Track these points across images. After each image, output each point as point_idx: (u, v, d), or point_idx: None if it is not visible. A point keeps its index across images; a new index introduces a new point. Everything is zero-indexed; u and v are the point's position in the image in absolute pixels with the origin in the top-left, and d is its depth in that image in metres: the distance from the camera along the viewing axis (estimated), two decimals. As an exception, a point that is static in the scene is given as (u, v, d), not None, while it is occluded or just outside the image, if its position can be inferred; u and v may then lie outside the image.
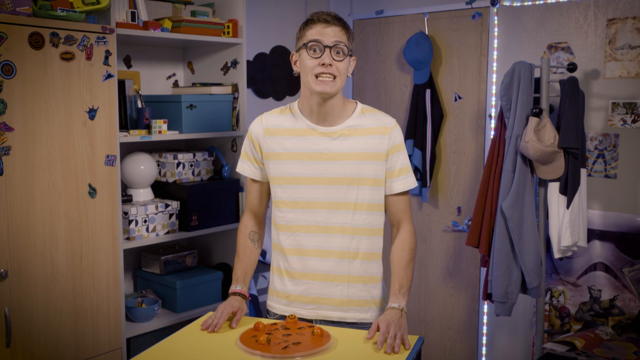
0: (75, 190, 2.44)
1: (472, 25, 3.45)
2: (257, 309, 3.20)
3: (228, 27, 3.02)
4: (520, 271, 2.88)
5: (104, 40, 2.48)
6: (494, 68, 3.38)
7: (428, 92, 3.51)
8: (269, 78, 3.69)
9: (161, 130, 2.81)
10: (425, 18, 3.56)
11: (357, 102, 2.05)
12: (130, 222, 2.73)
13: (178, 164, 2.97)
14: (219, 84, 3.08)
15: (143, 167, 2.89)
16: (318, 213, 1.98)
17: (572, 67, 2.86)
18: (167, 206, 2.87)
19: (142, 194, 2.92)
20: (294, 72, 2.01)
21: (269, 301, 2.12)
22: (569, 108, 2.79)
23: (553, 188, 2.86)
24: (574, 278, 3.15)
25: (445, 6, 3.52)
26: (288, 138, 2.00)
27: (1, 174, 2.22)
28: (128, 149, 2.93)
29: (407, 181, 2.02)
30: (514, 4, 3.28)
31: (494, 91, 3.39)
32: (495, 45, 3.36)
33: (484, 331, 3.54)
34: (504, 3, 3.31)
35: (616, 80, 2.99)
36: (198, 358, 1.72)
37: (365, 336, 1.83)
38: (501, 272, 2.87)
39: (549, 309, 3.24)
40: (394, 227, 2.06)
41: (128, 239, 2.74)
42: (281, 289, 2.07)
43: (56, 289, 2.41)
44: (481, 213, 3.00)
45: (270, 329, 1.86)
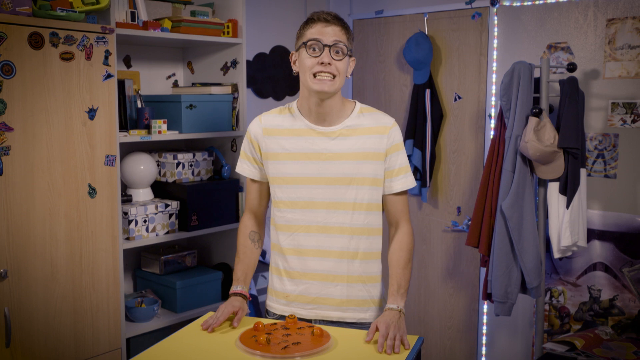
0: (75, 190, 2.44)
1: (472, 25, 3.45)
2: (257, 309, 3.20)
3: (228, 27, 3.02)
4: (520, 271, 2.88)
5: (104, 40, 2.48)
6: (494, 68, 3.38)
7: (428, 92, 3.51)
8: (269, 78, 3.69)
9: (161, 130, 2.81)
10: (425, 18, 3.56)
11: (356, 102, 2.04)
12: (130, 222, 2.73)
13: (178, 164, 2.97)
14: (219, 84, 3.07)
15: (143, 167, 2.89)
16: (317, 213, 1.98)
17: (572, 67, 2.86)
18: (167, 206, 2.87)
19: (142, 194, 2.92)
20: (293, 72, 2.00)
21: (268, 301, 2.12)
22: (569, 108, 2.79)
23: (553, 188, 2.86)
24: (574, 278, 3.15)
25: (445, 6, 3.52)
26: (287, 138, 2.00)
27: (1, 174, 2.22)
28: (128, 149, 2.93)
29: (406, 181, 2.02)
30: (514, 4, 3.28)
31: (494, 91, 3.39)
32: (495, 45, 3.36)
33: (484, 331, 3.54)
34: (504, 3, 3.31)
35: (616, 80, 2.99)
36: (198, 358, 1.73)
37: (364, 336, 1.83)
38: (501, 272, 2.87)
39: (549, 309, 3.24)
40: (392, 227, 2.06)
41: (128, 239, 2.74)
42: (280, 289, 2.06)
43: (56, 289, 2.41)
44: (481, 213, 3.00)
45: (270, 329, 1.86)
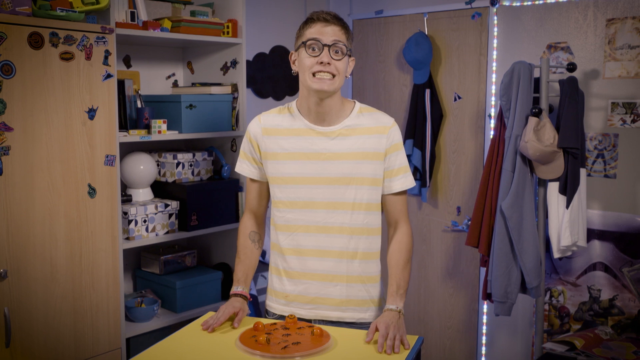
0: (74, 190, 2.44)
1: (472, 25, 3.45)
2: (257, 309, 3.20)
3: (227, 27, 3.02)
4: (519, 271, 2.88)
5: (104, 40, 2.48)
6: (494, 68, 3.38)
7: (427, 92, 3.51)
8: (269, 78, 3.69)
9: (161, 130, 2.81)
10: (424, 18, 3.56)
11: (355, 102, 2.04)
12: (129, 222, 2.73)
13: (177, 164, 2.97)
14: (219, 84, 3.07)
15: (142, 167, 2.89)
16: (316, 213, 1.98)
17: (572, 67, 2.86)
18: (167, 206, 2.87)
19: (142, 194, 2.92)
20: (293, 72, 2.00)
21: (268, 301, 2.12)
22: (569, 108, 2.79)
23: (552, 188, 2.86)
24: (574, 278, 3.15)
25: (444, 6, 3.52)
26: (286, 138, 2.00)
27: (1, 174, 2.22)
28: (127, 149, 2.93)
29: (406, 180, 2.02)
30: (514, 4, 3.28)
31: (494, 91, 3.39)
32: (494, 45, 3.36)
33: (484, 331, 3.54)
34: (504, 3, 3.31)
35: (615, 80, 2.99)
36: (197, 358, 1.72)
37: (364, 336, 1.83)
38: (501, 272, 2.87)
39: (549, 309, 3.24)
40: (391, 228, 2.06)
41: (127, 239, 2.74)
42: (280, 289, 2.06)
43: (56, 289, 2.41)
44: (481, 213, 3.00)
45: (269, 329, 1.86)
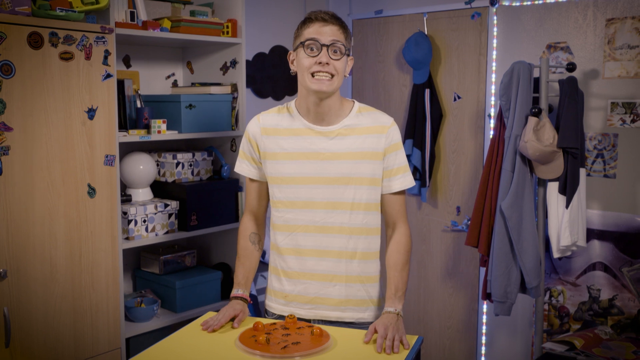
0: (74, 190, 2.44)
1: (472, 25, 3.45)
2: (257, 309, 3.20)
3: (227, 27, 3.02)
4: (519, 271, 2.88)
5: (103, 40, 2.48)
6: (493, 68, 3.38)
7: (427, 92, 3.51)
8: (268, 78, 3.69)
9: (160, 130, 2.81)
10: (424, 18, 3.56)
11: (354, 101, 2.03)
12: (129, 222, 2.73)
13: (177, 164, 2.97)
14: (218, 84, 3.07)
15: (142, 167, 2.89)
16: (315, 213, 1.98)
17: (571, 67, 2.86)
18: (167, 206, 2.87)
19: (141, 194, 2.92)
20: (291, 72, 2.00)
21: (267, 301, 2.12)
22: (568, 108, 2.79)
23: (552, 188, 2.86)
24: (573, 278, 3.15)
25: (444, 6, 3.52)
26: (285, 138, 1.99)
27: (0, 174, 2.22)
28: (127, 149, 2.93)
29: (405, 180, 2.01)
30: (513, 4, 3.28)
31: (493, 91, 3.39)
32: (494, 45, 3.36)
33: (483, 331, 3.54)
34: (503, 3, 3.31)
35: (615, 80, 2.99)
36: (197, 358, 1.72)
37: (364, 336, 1.82)
38: (500, 272, 2.87)
39: (548, 309, 3.24)
40: (389, 228, 2.05)
41: (127, 239, 2.74)
42: (279, 289, 2.06)
43: (55, 289, 2.41)
44: (480, 213, 3.00)
45: (269, 329, 1.86)
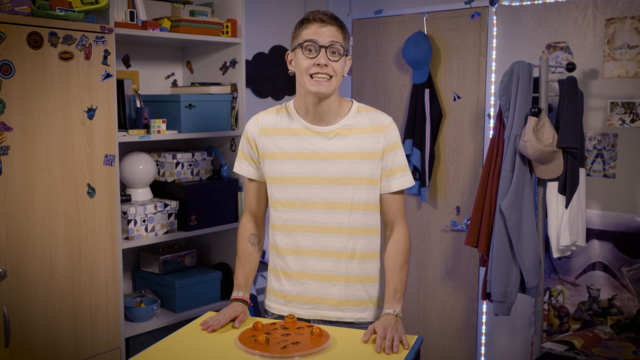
0: (74, 190, 2.44)
1: (471, 24, 3.44)
2: (256, 309, 3.20)
3: (227, 27, 3.02)
4: (519, 271, 2.88)
5: (103, 39, 2.48)
6: (493, 68, 3.38)
7: (427, 92, 3.51)
8: (268, 78, 3.69)
9: (160, 130, 2.81)
10: (424, 18, 3.56)
11: (353, 101, 2.03)
12: (129, 222, 2.73)
13: (177, 164, 2.97)
14: (218, 84, 3.07)
15: (142, 167, 2.89)
16: (314, 213, 1.97)
17: (571, 67, 2.86)
18: (166, 206, 2.87)
19: (141, 194, 2.92)
20: (289, 72, 2.00)
21: (267, 301, 2.12)
22: (568, 108, 2.79)
23: (552, 187, 2.86)
24: (573, 277, 3.15)
25: (444, 6, 3.52)
26: (284, 138, 1.99)
27: (0, 174, 2.22)
28: (127, 149, 2.93)
29: (404, 180, 2.01)
30: (513, 4, 3.28)
31: (493, 91, 3.39)
32: (494, 44, 3.36)
33: (483, 331, 3.54)
34: (503, 3, 3.31)
35: (615, 80, 2.99)
36: (197, 358, 1.72)
37: (363, 336, 1.83)
38: (500, 272, 2.87)
39: (548, 309, 3.24)
40: (388, 228, 2.05)
41: (127, 239, 2.74)
42: (279, 289, 2.06)
43: (55, 289, 2.41)
44: (480, 213, 3.00)
45: (269, 329, 1.86)
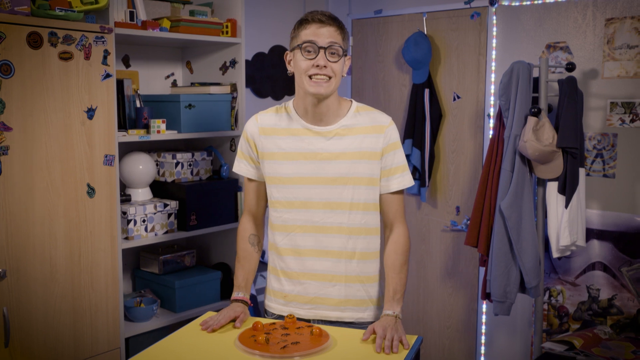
0: (73, 190, 2.44)
1: (471, 24, 3.44)
2: (256, 309, 3.20)
3: (227, 27, 3.02)
4: (519, 271, 2.88)
5: (103, 39, 2.48)
6: (493, 68, 3.38)
7: (427, 92, 3.51)
8: (268, 77, 3.69)
9: (160, 129, 2.81)
10: (423, 18, 3.56)
11: (352, 101, 2.03)
12: (128, 222, 2.73)
13: (177, 164, 2.97)
14: (218, 84, 3.07)
15: (142, 167, 2.89)
16: (314, 213, 1.97)
17: (571, 67, 2.86)
18: (166, 206, 2.87)
19: (141, 194, 2.92)
20: (288, 72, 1.99)
21: (267, 301, 2.12)
22: (568, 108, 2.79)
23: (552, 187, 2.86)
24: (573, 277, 3.15)
25: (443, 6, 3.52)
26: (283, 138, 1.99)
27: (0, 174, 2.22)
28: (126, 149, 2.93)
29: (403, 180, 2.01)
30: (513, 4, 3.28)
31: (493, 91, 3.39)
32: (493, 44, 3.36)
33: (483, 331, 3.54)
34: (503, 3, 3.31)
35: (614, 79, 2.99)
36: (197, 358, 1.72)
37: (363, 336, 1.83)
38: (500, 272, 2.87)
39: (548, 309, 3.24)
40: (387, 229, 2.05)
41: (127, 239, 2.74)
42: (278, 289, 2.06)
43: (55, 289, 2.40)
44: (480, 212, 3.00)
45: (268, 329, 1.86)
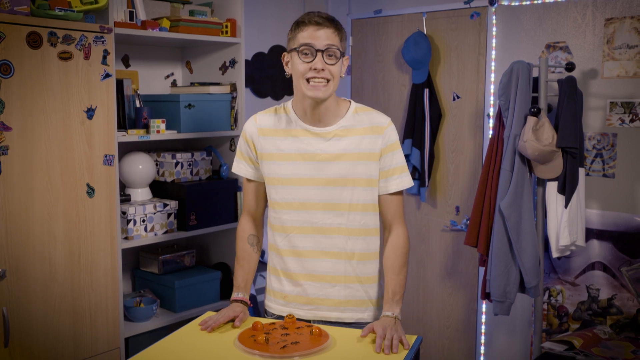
0: (73, 189, 2.43)
1: (471, 24, 3.45)
2: (256, 309, 3.20)
3: (226, 27, 3.02)
4: (518, 270, 2.88)
5: (102, 39, 2.48)
6: (492, 67, 3.38)
7: (426, 92, 3.51)
8: (267, 77, 3.69)
9: (159, 129, 2.81)
10: (423, 17, 3.56)
11: (351, 101, 2.02)
12: (128, 222, 2.73)
13: (176, 164, 2.97)
14: (217, 84, 3.07)
15: (141, 167, 2.89)
16: (313, 214, 1.97)
17: (570, 67, 2.86)
18: (166, 206, 2.87)
19: (141, 194, 2.92)
20: (286, 74, 1.99)
21: (267, 301, 2.12)
22: (567, 107, 2.79)
23: (551, 187, 2.86)
24: (572, 277, 3.15)
25: (443, 6, 3.52)
26: (282, 139, 1.98)
27: (-1, 174, 2.23)
28: (126, 149, 2.93)
29: (402, 180, 2.00)
30: (512, 4, 3.28)
31: (492, 90, 3.39)
32: (493, 44, 3.36)
33: (483, 330, 3.54)
34: (502, 2, 3.31)
35: (614, 79, 2.99)
36: (196, 358, 1.72)
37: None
38: (499, 272, 2.87)
39: (547, 308, 3.24)
40: (386, 230, 2.04)
41: (126, 239, 2.74)
42: (278, 289, 2.06)
43: (55, 289, 2.40)
44: (479, 212, 3.00)
45: (268, 329, 1.86)
